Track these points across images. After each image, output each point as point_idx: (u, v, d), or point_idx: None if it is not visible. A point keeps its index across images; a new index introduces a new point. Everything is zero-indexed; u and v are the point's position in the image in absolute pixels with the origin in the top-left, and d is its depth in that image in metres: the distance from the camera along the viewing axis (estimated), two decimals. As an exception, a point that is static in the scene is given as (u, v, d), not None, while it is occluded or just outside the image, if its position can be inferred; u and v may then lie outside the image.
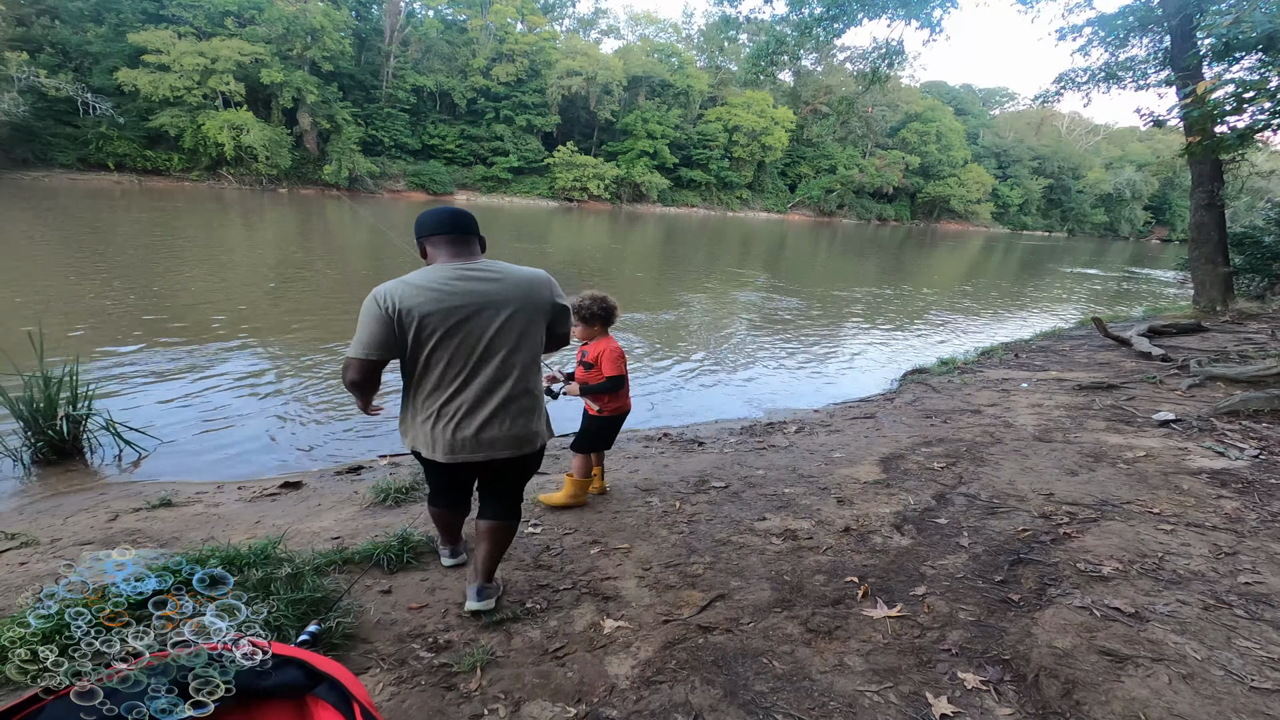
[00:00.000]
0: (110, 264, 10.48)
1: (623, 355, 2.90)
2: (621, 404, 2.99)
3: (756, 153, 51.12)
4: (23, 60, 28.22)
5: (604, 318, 2.91)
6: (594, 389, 2.84)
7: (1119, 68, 10.62)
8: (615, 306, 2.94)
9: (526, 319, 1.91)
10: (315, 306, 8.75)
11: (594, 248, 21.33)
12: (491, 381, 1.90)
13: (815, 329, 9.79)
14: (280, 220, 21.99)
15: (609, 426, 3.03)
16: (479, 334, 1.86)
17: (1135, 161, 66.93)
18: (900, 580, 2.41)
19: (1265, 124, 7.00)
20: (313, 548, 2.51)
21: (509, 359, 1.91)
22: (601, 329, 2.92)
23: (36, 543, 2.68)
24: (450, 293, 1.83)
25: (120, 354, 5.96)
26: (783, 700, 1.77)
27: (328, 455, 4.27)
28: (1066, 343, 8.30)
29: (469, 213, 1.98)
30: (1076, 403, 5.13)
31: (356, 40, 40.11)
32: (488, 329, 1.86)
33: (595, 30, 55.66)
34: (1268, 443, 3.95)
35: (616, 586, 2.35)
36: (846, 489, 3.33)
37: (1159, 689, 1.78)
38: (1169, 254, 40.00)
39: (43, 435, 3.72)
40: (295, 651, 1.00)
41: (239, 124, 32.79)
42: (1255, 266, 11.25)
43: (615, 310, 2.94)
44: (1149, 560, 2.53)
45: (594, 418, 2.97)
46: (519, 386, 1.94)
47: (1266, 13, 6.31)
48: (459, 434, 1.90)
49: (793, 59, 11.37)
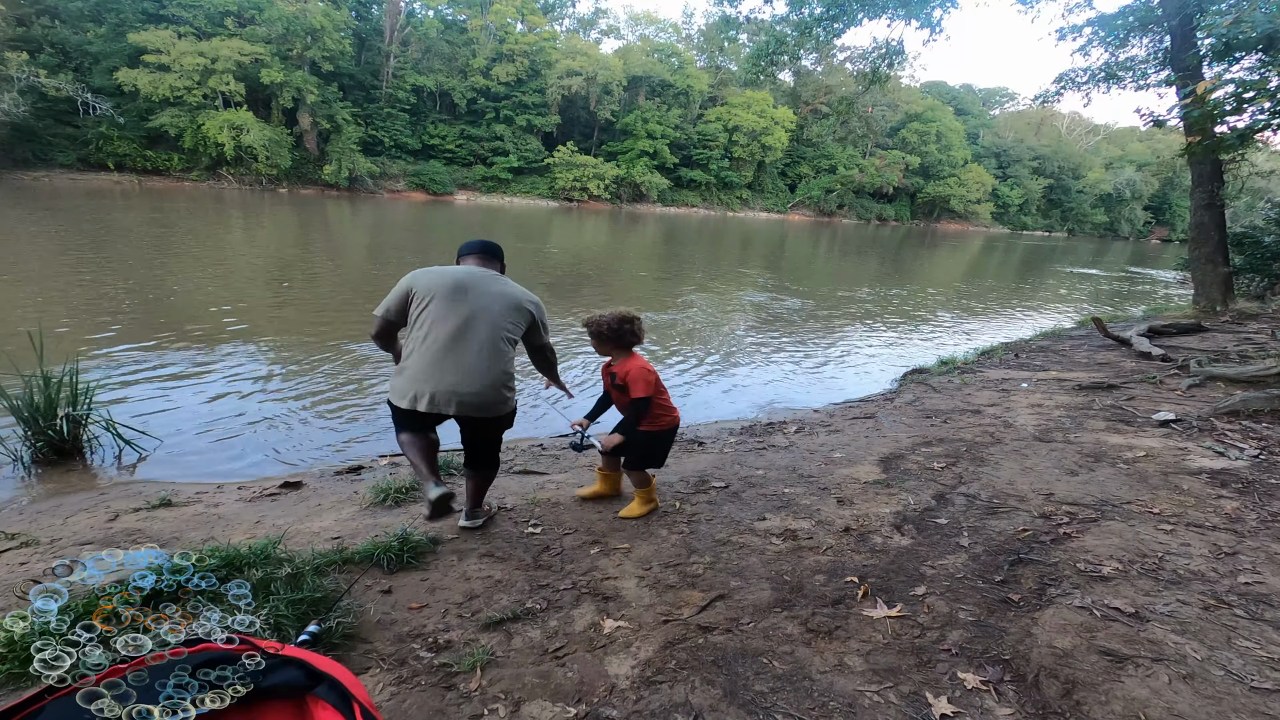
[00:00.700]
0: (110, 264, 10.48)
1: (653, 374, 2.75)
2: (672, 416, 2.88)
3: (756, 153, 51.13)
4: (23, 60, 28.23)
5: (615, 339, 2.73)
6: (627, 426, 2.73)
7: (1119, 68, 10.62)
8: (630, 327, 2.72)
9: (500, 308, 2.41)
10: (316, 306, 8.75)
11: (594, 248, 21.34)
12: (454, 346, 2.35)
13: (815, 329, 9.79)
14: (280, 220, 21.99)
15: (659, 442, 2.90)
16: (455, 307, 2.35)
17: (1135, 161, 66.98)
18: (900, 580, 2.41)
19: (1265, 124, 6.99)
20: (313, 548, 2.51)
21: (475, 332, 2.36)
22: (624, 349, 2.78)
23: (36, 543, 2.68)
24: (446, 274, 2.42)
25: (121, 354, 5.97)
26: (783, 700, 1.77)
27: (328, 455, 4.27)
28: (1066, 343, 8.30)
29: (495, 243, 2.63)
30: (1076, 403, 5.13)
31: (356, 40, 40.12)
32: (463, 304, 2.36)
33: (595, 30, 55.70)
34: (1268, 443, 3.95)
35: (616, 586, 2.35)
36: (846, 489, 3.33)
37: (1159, 689, 1.78)
38: (1169, 254, 40.02)
39: (43, 435, 3.72)
40: (295, 651, 1.00)
41: (239, 124, 32.81)
42: (1255, 266, 11.24)
43: (630, 330, 2.72)
44: (1149, 560, 2.53)
45: (643, 432, 2.81)
46: (480, 360, 2.36)
47: (1266, 13, 6.31)
48: (419, 386, 2.34)
49: (793, 59, 11.36)
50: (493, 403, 2.44)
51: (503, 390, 2.47)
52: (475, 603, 2.22)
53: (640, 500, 2.97)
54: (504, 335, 2.43)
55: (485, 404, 2.42)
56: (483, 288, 2.42)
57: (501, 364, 2.44)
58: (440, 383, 2.34)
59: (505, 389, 2.48)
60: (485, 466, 2.69)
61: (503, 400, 2.48)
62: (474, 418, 2.46)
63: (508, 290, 2.49)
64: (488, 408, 2.43)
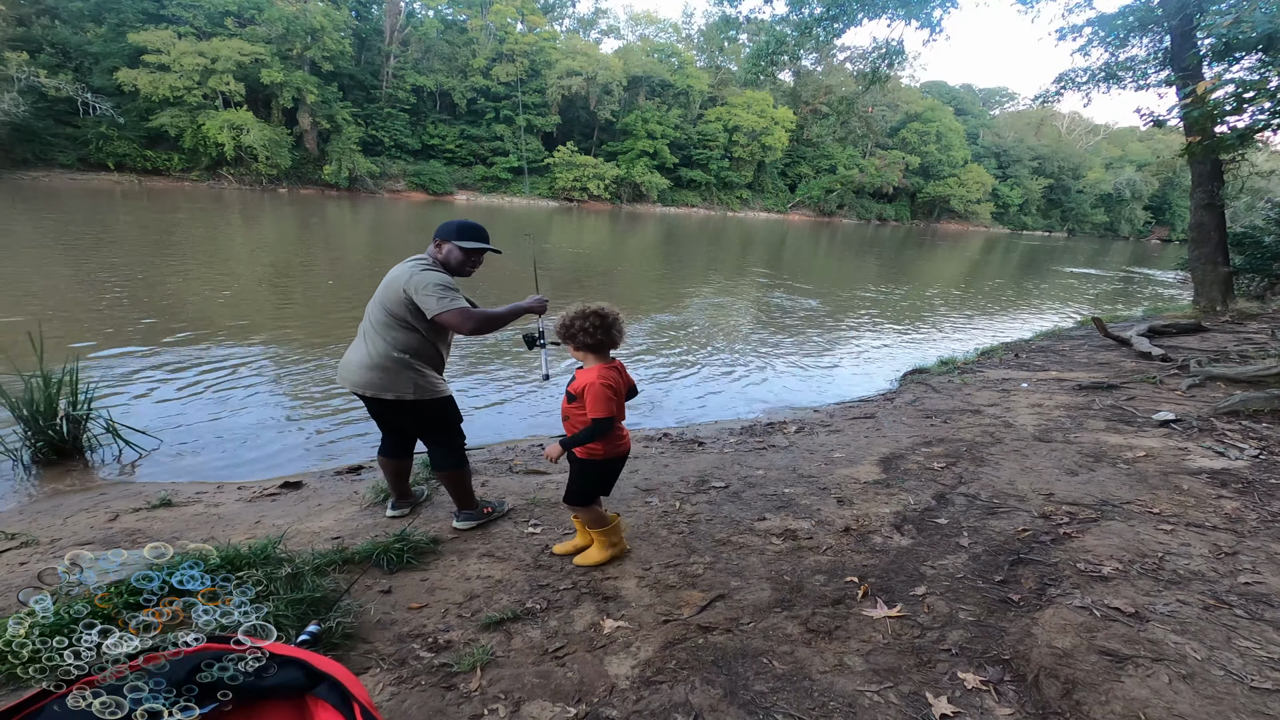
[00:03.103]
0: (111, 264, 10.48)
1: (615, 390, 2.25)
2: (619, 445, 2.37)
3: (756, 153, 51.11)
4: (23, 60, 28.23)
5: (568, 339, 2.26)
6: (574, 440, 2.26)
7: (1119, 68, 10.62)
8: (583, 325, 2.23)
9: (385, 290, 2.49)
10: (317, 306, 8.75)
11: (594, 248, 21.33)
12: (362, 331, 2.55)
13: (815, 329, 9.79)
14: (280, 220, 21.99)
15: (606, 472, 2.42)
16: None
17: (1135, 161, 66.98)
18: (900, 580, 2.41)
19: (1265, 124, 6.99)
20: (313, 548, 2.51)
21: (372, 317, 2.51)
22: (591, 354, 2.28)
23: (36, 543, 2.68)
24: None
25: (121, 354, 5.96)
26: (783, 700, 1.77)
27: (328, 455, 4.27)
28: (1066, 343, 8.30)
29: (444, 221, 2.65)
30: (1076, 403, 5.13)
31: (356, 40, 40.11)
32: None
33: (595, 30, 55.70)
34: (1268, 443, 3.95)
35: (616, 586, 2.35)
36: (846, 489, 3.33)
37: (1159, 689, 1.78)
38: (1169, 254, 40.01)
39: (43, 435, 3.71)
40: (295, 651, 1.00)
41: (239, 124, 32.80)
42: (1255, 266, 11.23)
43: (584, 329, 2.23)
44: (1149, 560, 2.53)
45: (585, 461, 2.35)
46: (374, 344, 2.47)
47: (1266, 13, 6.31)
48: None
49: (793, 59, 11.37)
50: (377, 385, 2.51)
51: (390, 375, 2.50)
52: (475, 603, 2.22)
53: (600, 544, 2.47)
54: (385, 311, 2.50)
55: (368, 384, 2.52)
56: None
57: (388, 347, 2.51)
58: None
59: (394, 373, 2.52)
60: (435, 467, 2.74)
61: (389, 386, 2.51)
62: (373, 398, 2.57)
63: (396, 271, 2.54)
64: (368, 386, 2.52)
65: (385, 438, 2.77)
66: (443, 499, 3.07)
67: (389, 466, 2.82)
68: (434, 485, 3.21)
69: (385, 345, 2.45)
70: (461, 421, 2.73)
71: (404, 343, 2.45)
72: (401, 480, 2.88)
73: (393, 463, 2.81)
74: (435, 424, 2.63)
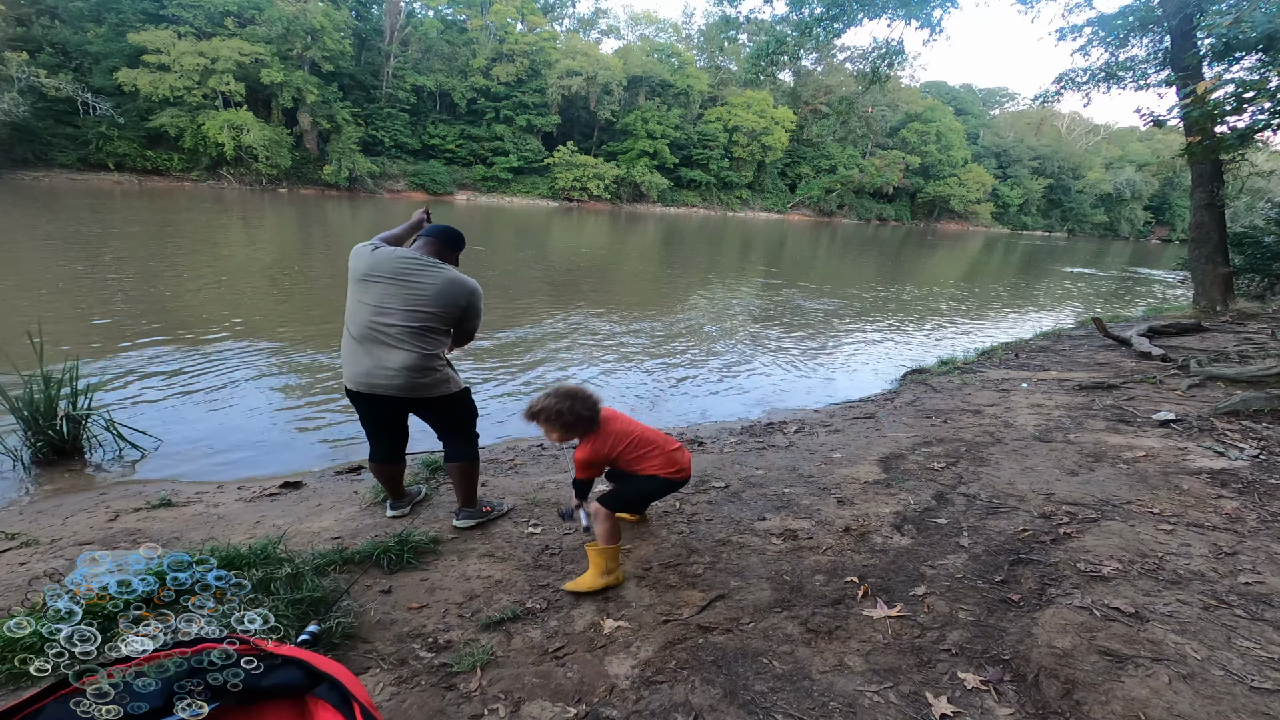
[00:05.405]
0: (110, 264, 10.48)
1: (595, 456, 2.30)
2: (678, 471, 2.37)
3: (756, 153, 51.14)
4: (23, 60, 28.23)
5: (569, 425, 2.22)
6: (575, 485, 2.44)
7: (1119, 68, 10.62)
8: (544, 414, 2.19)
9: (436, 299, 2.47)
10: (318, 306, 8.75)
11: (594, 248, 21.33)
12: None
13: (816, 329, 9.79)
14: (280, 220, 21.99)
15: (651, 492, 2.47)
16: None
17: (1135, 161, 66.91)
18: (900, 580, 2.41)
19: (1265, 124, 6.99)
20: (313, 548, 2.51)
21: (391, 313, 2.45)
22: (572, 436, 2.28)
23: (36, 543, 2.68)
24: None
25: (121, 354, 5.96)
26: (783, 700, 1.77)
27: (328, 455, 4.27)
28: (1066, 343, 8.30)
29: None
30: (1076, 403, 5.13)
31: (356, 40, 40.12)
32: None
33: (595, 30, 55.73)
34: (1268, 443, 3.95)
35: (616, 586, 2.35)
36: (846, 489, 3.33)
37: (1159, 689, 1.78)
38: (1169, 254, 40.01)
39: (43, 435, 3.71)
40: (295, 651, 1.00)
41: (239, 124, 32.81)
42: (1255, 266, 11.24)
43: (547, 414, 2.19)
44: (1149, 560, 2.53)
45: (638, 476, 2.35)
46: (415, 347, 2.45)
47: (1266, 13, 6.31)
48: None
49: (793, 59, 11.35)
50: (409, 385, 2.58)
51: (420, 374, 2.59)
52: (475, 603, 2.22)
53: (596, 566, 2.28)
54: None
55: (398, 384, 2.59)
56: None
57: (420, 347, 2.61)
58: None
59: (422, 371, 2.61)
60: (454, 459, 2.75)
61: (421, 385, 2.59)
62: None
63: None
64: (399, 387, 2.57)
65: (377, 444, 2.73)
66: (442, 499, 3.08)
67: (382, 472, 2.81)
68: (434, 485, 3.21)
69: (428, 347, 2.47)
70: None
71: (441, 345, 2.56)
72: (395, 482, 2.88)
73: (385, 468, 2.79)
74: (465, 415, 2.71)
